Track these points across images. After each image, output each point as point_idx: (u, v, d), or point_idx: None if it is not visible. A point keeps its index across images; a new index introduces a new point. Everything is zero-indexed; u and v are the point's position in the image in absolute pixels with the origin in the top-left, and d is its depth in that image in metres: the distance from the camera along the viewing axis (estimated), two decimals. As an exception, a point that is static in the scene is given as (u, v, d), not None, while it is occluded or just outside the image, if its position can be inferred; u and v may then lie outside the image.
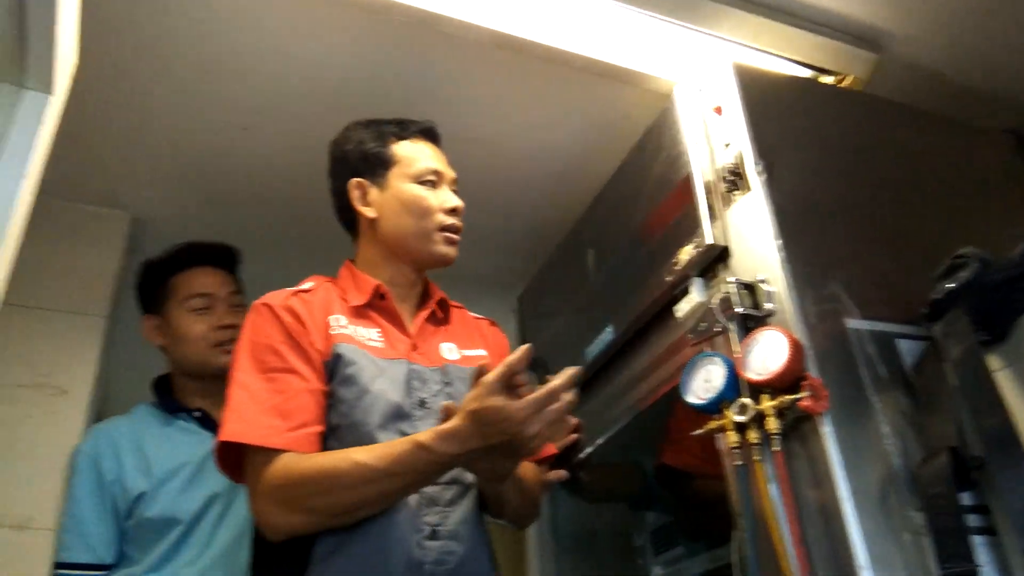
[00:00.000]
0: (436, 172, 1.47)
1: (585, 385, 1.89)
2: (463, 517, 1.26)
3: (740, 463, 1.22)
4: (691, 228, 1.48)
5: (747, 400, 1.22)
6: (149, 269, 1.81)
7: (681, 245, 1.50)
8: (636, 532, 2.03)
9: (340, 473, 1.14)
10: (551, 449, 1.50)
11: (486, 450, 1.13)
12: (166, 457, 1.62)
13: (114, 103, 1.82)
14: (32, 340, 1.90)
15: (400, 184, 1.45)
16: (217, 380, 1.57)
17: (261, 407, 1.21)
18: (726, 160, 1.47)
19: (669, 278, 1.53)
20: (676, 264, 1.50)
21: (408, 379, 1.32)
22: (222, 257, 1.83)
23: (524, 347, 1.14)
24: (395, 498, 1.18)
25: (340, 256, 1.54)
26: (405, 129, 1.51)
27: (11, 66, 0.92)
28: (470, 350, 1.46)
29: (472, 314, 1.59)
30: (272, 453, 1.18)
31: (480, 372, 1.15)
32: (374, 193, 1.46)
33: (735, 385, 1.25)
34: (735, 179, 1.43)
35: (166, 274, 1.77)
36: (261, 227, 2.27)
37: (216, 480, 1.54)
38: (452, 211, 1.46)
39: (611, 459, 1.89)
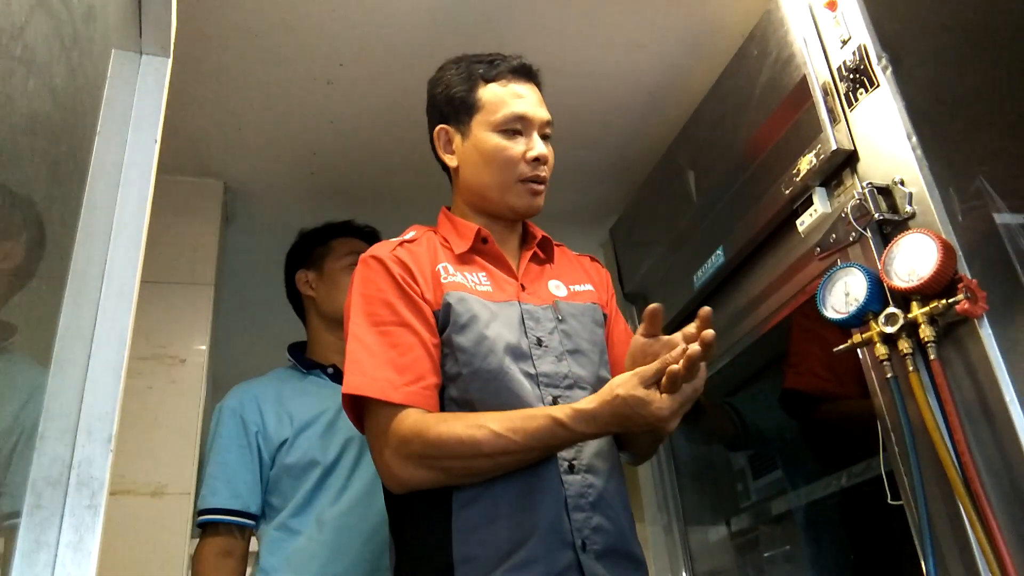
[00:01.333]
0: (521, 118, 1.37)
1: (695, 311, 1.83)
2: (596, 451, 1.25)
3: (891, 375, 1.16)
4: (810, 135, 1.39)
5: (895, 309, 1.15)
6: (310, 234, 1.96)
7: (799, 154, 1.42)
8: (734, 457, 2.00)
9: (478, 442, 1.14)
10: None
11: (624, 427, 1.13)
12: (304, 407, 1.70)
13: (201, 69, 1.81)
14: (147, 313, 1.94)
15: (481, 133, 1.37)
16: None
17: (377, 361, 1.22)
18: (844, 58, 1.37)
19: (788, 190, 1.45)
20: (796, 174, 1.43)
21: (522, 320, 1.31)
22: (372, 236, 1.98)
23: (694, 348, 1.07)
24: (528, 464, 1.18)
25: (435, 205, 1.51)
26: (494, 69, 1.41)
27: (130, 33, 0.90)
28: (577, 285, 1.43)
29: (572, 252, 1.55)
30: (395, 408, 1.19)
31: (653, 314, 1.17)
32: (457, 141, 1.41)
33: (880, 295, 1.19)
34: (857, 77, 1.34)
35: (327, 237, 1.93)
36: (350, 182, 2.26)
37: (350, 427, 1.58)
38: (535, 160, 1.37)
39: (716, 395, 1.85)
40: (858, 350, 1.24)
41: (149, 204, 0.85)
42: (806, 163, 1.40)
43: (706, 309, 1.11)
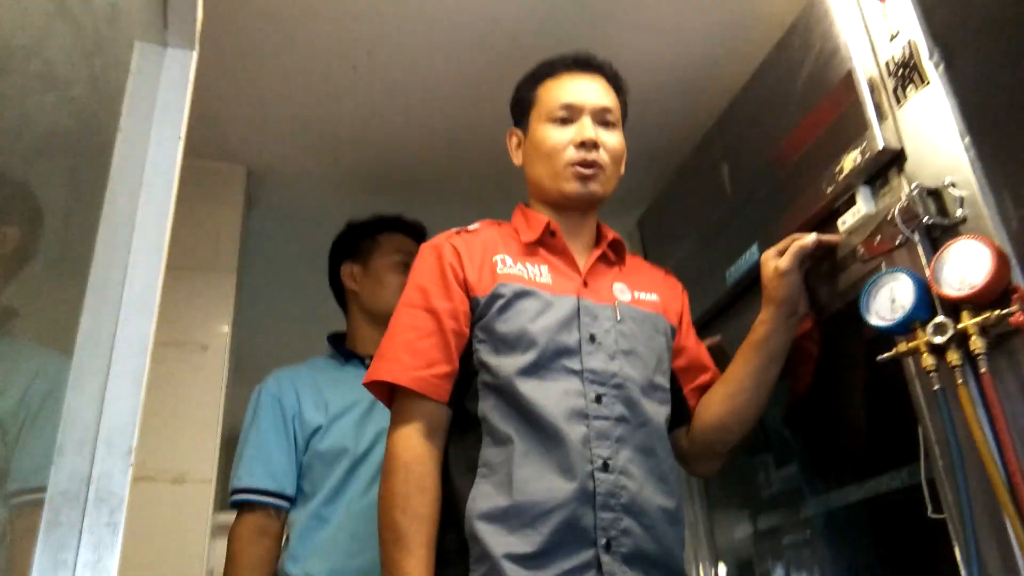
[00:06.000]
0: (568, 106, 1.39)
1: (727, 307, 1.79)
2: (633, 456, 1.22)
3: (938, 387, 1.11)
4: (855, 132, 1.34)
5: (945, 319, 1.10)
6: (358, 226, 1.94)
7: (843, 151, 1.37)
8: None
9: (383, 524, 1.19)
10: None
11: None
12: (340, 396, 1.70)
13: (225, 53, 1.78)
14: (169, 299, 1.91)
15: (535, 126, 1.42)
16: None
17: (394, 342, 1.26)
18: (893, 53, 1.31)
19: (830, 188, 1.40)
20: (839, 172, 1.37)
21: (577, 314, 1.29)
22: (420, 233, 1.95)
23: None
24: None
25: (462, 193, 1.48)
26: (554, 65, 1.45)
27: (155, 25, 0.87)
28: (643, 293, 1.42)
29: (647, 262, 1.56)
30: (413, 397, 1.22)
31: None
32: (522, 140, 1.46)
33: (928, 303, 1.14)
34: (907, 73, 1.28)
35: (376, 230, 1.91)
36: (376, 169, 2.22)
37: (384, 418, 1.60)
38: (582, 144, 1.36)
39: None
40: (903, 360, 1.19)
41: (171, 213, 0.82)
42: (850, 161, 1.34)
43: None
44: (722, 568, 1.93)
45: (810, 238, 1.36)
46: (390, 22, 1.73)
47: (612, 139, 1.40)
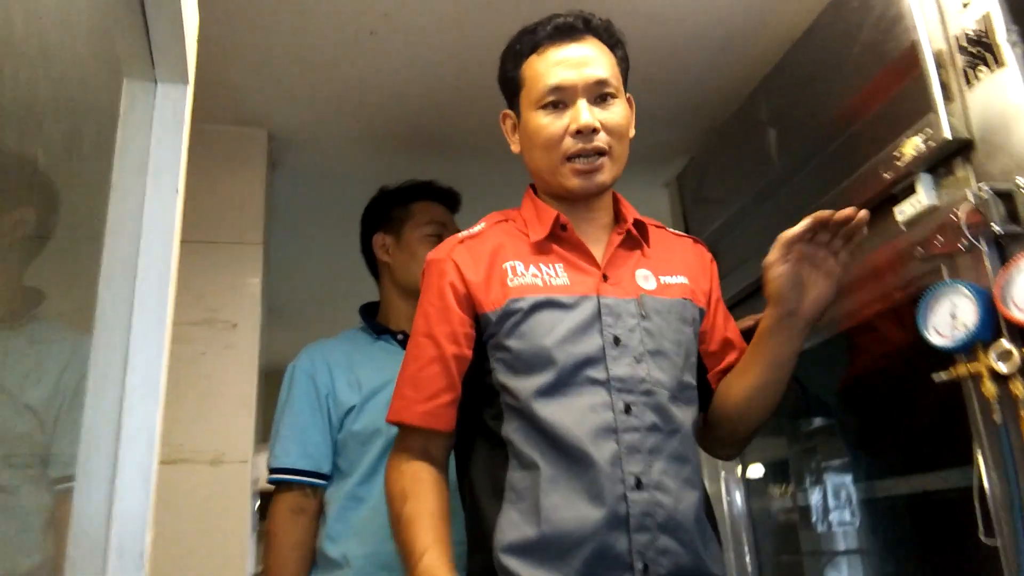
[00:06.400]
0: (558, 88, 1.21)
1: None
2: (667, 467, 1.16)
3: (1001, 423, 1.03)
4: (918, 112, 1.21)
5: (1011, 346, 1.01)
6: (390, 193, 1.85)
7: (903, 131, 1.25)
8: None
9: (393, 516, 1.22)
10: None
11: None
12: (373, 374, 1.66)
13: (240, 16, 1.67)
14: (196, 275, 1.89)
15: (526, 113, 1.26)
16: None
17: (402, 376, 1.25)
18: (965, 25, 1.17)
19: (887, 174, 1.28)
20: (898, 158, 1.25)
21: (599, 316, 1.19)
22: (454, 199, 1.88)
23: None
24: None
25: (487, 152, 1.37)
26: (534, 38, 1.26)
27: (140, 62, 0.79)
28: (669, 276, 1.28)
29: (672, 231, 1.41)
30: (414, 430, 1.22)
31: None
32: (517, 124, 1.31)
33: (992, 323, 1.04)
34: (979, 52, 1.14)
35: (408, 199, 1.82)
36: (397, 130, 2.13)
37: None
38: (579, 132, 1.20)
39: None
40: (962, 382, 1.11)
41: (174, 279, 0.76)
42: (911, 148, 1.22)
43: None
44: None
45: (797, 228, 1.16)
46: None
47: (613, 115, 1.23)
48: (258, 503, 2.10)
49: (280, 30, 1.73)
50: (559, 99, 1.22)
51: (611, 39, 1.28)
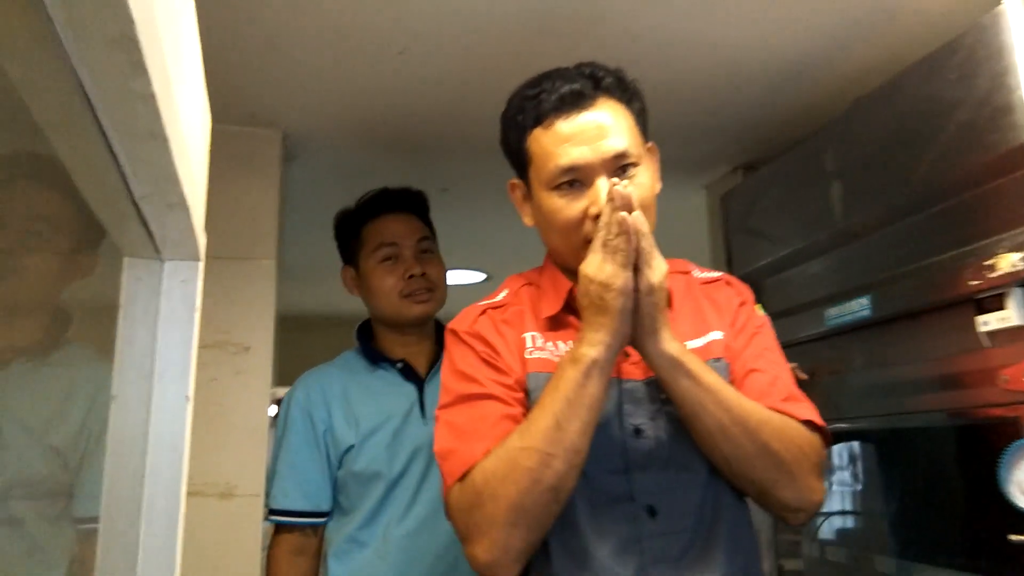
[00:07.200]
0: (572, 168, 1.04)
1: (819, 344, 1.59)
2: (682, 507, 1.04)
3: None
4: (1016, 221, 1.08)
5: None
6: (344, 219, 1.69)
7: (996, 233, 1.12)
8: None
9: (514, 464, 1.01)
10: None
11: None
12: (372, 411, 1.58)
13: (257, 21, 1.51)
14: (206, 294, 1.77)
15: (537, 192, 1.10)
16: (414, 330, 1.62)
17: (461, 435, 1.06)
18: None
19: (974, 282, 1.16)
20: (989, 268, 1.13)
21: (619, 404, 1.07)
22: (409, 202, 1.67)
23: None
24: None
25: (498, 172, 1.22)
26: (538, 108, 1.08)
27: (141, 242, 0.67)
28: (696, 340, 1.11)
29: (700, 275, 1.21)
30: None
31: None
32: (528, 195, 1.14)
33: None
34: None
35: (358, 224, 1.66)
36: (414, 139, 1.98)
37: (419, 433, 1.54)
38: (599, 217, 1.02)
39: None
40: (1048, 549, 1.02)
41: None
42: (1006, 262, 1.10)
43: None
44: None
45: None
46: (440, 3, 1.43)
47: (637, 188, 1.04)
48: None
49: (304, 43, 1.56)
50: (575, 179, 1.05)
51: (625, 94, 1.10)
